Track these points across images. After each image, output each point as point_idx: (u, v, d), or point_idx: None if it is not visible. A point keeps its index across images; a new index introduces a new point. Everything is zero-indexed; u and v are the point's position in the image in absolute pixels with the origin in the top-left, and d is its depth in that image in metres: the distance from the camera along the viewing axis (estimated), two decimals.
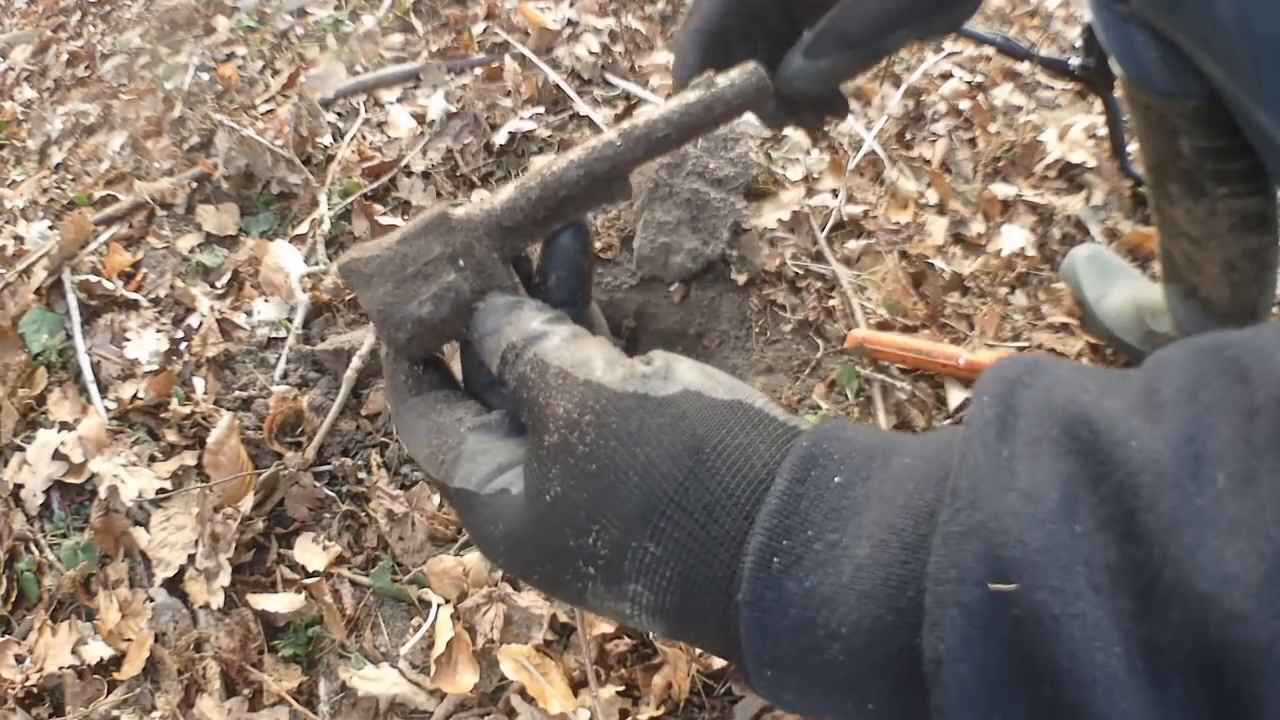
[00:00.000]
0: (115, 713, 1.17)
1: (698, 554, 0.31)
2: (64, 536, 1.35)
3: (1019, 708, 0.25)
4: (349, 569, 1.27)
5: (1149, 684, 0.23)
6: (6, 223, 1.91)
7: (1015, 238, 1.63)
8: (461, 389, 0.40)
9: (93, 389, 1.50)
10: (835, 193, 1.69)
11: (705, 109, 0.40)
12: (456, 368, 0.42)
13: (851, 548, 0.29)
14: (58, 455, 1.39)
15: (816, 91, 0.49)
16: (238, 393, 1.47)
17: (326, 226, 1.72)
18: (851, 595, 0.28)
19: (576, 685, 1.10)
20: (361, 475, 1.35)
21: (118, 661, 1.21)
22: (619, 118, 1.83)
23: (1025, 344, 1.48)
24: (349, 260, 0.39)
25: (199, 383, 1.47)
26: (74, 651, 1.21)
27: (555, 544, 0.33)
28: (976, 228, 1.67)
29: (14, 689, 1.18)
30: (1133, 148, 1.65)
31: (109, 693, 1.19)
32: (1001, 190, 1.73)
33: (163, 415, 1.44)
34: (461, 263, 0.38)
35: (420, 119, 1.95)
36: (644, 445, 0.31)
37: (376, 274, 0.38)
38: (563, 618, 1.17)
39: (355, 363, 1.43)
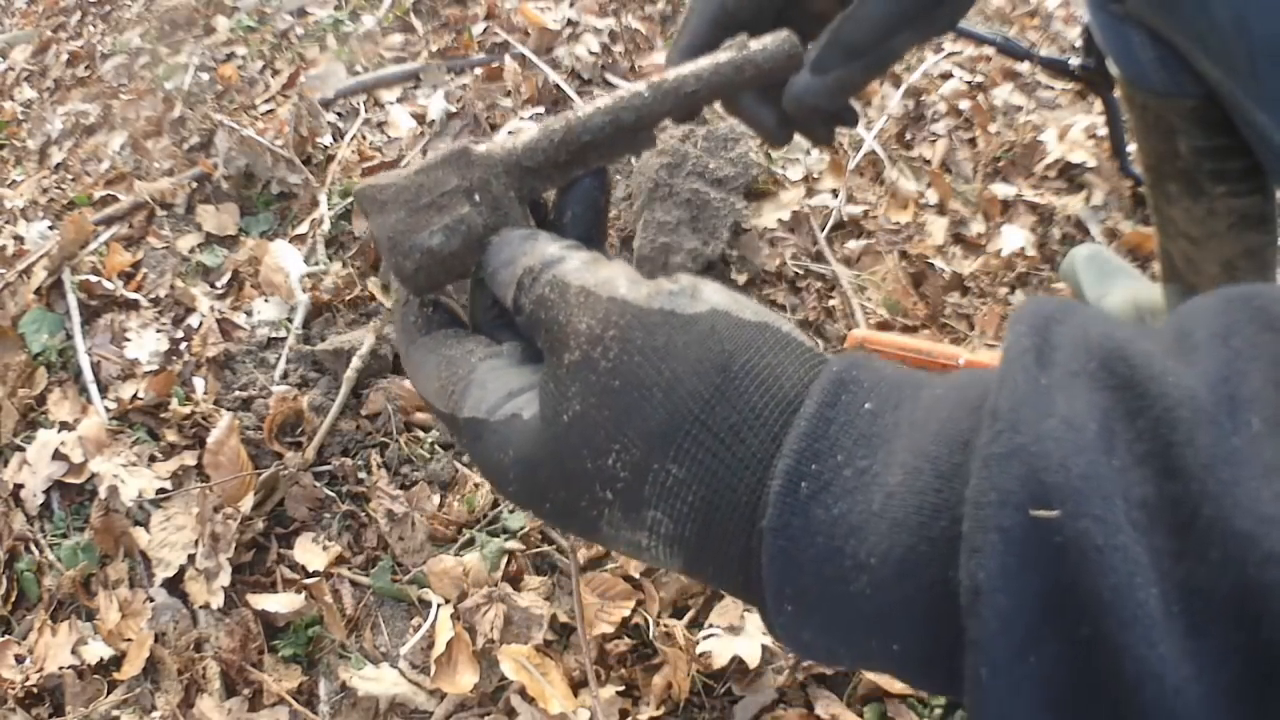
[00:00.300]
0: (115, 713, 1.17)
1: (722, 477, 0.30)
2: (64, 536, 1.35)
3: (1054, 650, 0.24)
4: (349, 569, 1.27)
5: (1186, 630, 0.22)
6: (6, 223, 1.92)
7: (1015, 238, 1.63)
8: (470, 329, 0.40)
9: (93, 389, 1.50)
10: (835, 193, 1.70)
11: (736, 70, 0.40)
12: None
13: (882, 475, 0.28)
14: (58, 455, 1.39)
15: (828, 107, 0.49)
16: (238, 393, 1.47)
17: (326, 226, 1.72)
18: (882, 524, 0.27)
19: (576, 685, 1.10)
20: (361, 475, 1.35)
21: (118, 661, 1.21)
22: None
23: None
24: (366, 186, 0.39)
25: (199, 383, 1.47)
26: (74, 651, 1.21)
27: (572, 467, 0.31)
28: (976, 228, 1.67)
29: (14, 689, 1.18)
30: (1133, 148, 1.65)
31: (109, 693, 1.19)
32: (1001, 190, 1.73)
33: (163, 415, 1.44)
34: (477, 197, 0.38)
35: (420, 119, 1.95)
36: (670, 361, 0.30)
37: (391, 201, 0.38)
38: (563, 617, 1.17)
39: (355, 363, 1.43)
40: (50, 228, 1.85)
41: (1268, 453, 0.22)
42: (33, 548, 1.34)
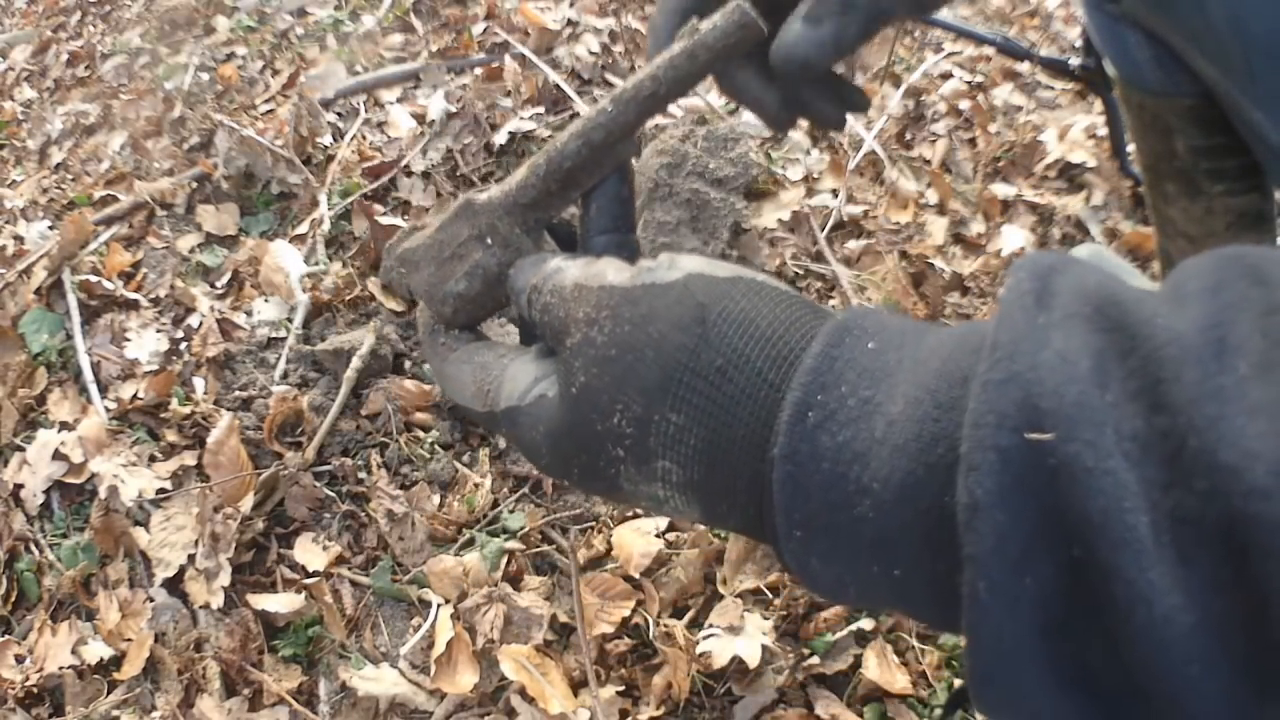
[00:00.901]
0: (115, 713, 1.17)
1: (717, 417, 0.32)
2: (64, 536, 1.35)
3: (1049, 571, 0.24)
4: (349, 569, 1.27)
5: (1175, 559, 0.23)
6: (6, 223, 1.92)
7: (1015, 238, 1.63)
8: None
9: (93, 389, 1.50)
10: (835, 193, 1.70)
11: (689, 58, 0.41)
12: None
13: (885, 405, 0.29)
14: (58, 455, 1.39)
15: (819, 63, 0.47)
16: (238, 393, 1.47)
17: (326, 226, 1.72)
18: (883, 450, 0.29)
19: (576, 685, 1.11)
20: (361, 475, 1.35)
21: (118, 661, 1.21)
22: None
23: None
24: (402, 251, 0.45)
25: (199, 383, 1.47)
26: (74, 651, 1.21)
27: (585, 432, 0.35)
28: (976, 228, 1.67)
29: (14, 689, 1.18)
30: (1132, 147, 1.66)
31: (109, 693, 1.19)
32: (1001, 190, 1.73)
33: (163, 415, 1.44)
34: (489, 241, 0.42)
35: (420, 119, 1.95)
36: (655, 323, 0.33)
37: (422, 259, 0.44)
38: (563, 617, 1.17)
39: (355, 363, 1.43)
40: (50, 228, 1.85)
41: (1254, 394, 0.23)
42: (33, 548, 1.34)
